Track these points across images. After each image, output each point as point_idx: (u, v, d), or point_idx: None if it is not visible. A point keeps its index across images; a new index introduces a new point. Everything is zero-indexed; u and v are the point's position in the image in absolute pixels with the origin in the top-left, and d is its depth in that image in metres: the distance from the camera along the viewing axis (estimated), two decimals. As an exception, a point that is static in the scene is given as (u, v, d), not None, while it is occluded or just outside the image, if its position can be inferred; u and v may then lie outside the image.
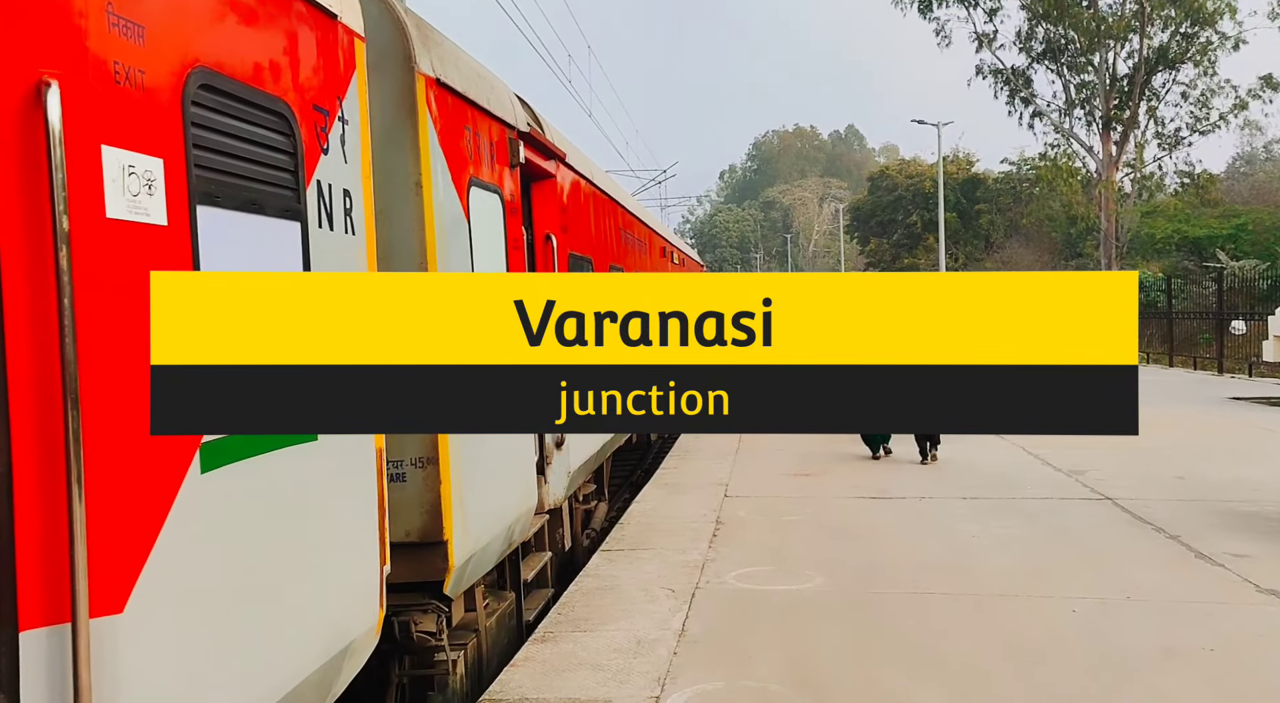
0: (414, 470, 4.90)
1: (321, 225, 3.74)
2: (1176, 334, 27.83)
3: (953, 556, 7.40)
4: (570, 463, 7.88)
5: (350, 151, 4.05)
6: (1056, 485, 10.10)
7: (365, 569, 4.00)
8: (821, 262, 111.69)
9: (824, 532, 8.29)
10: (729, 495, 9.98)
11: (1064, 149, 44.69)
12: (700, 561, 7.42)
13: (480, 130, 5.85)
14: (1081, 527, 8.22)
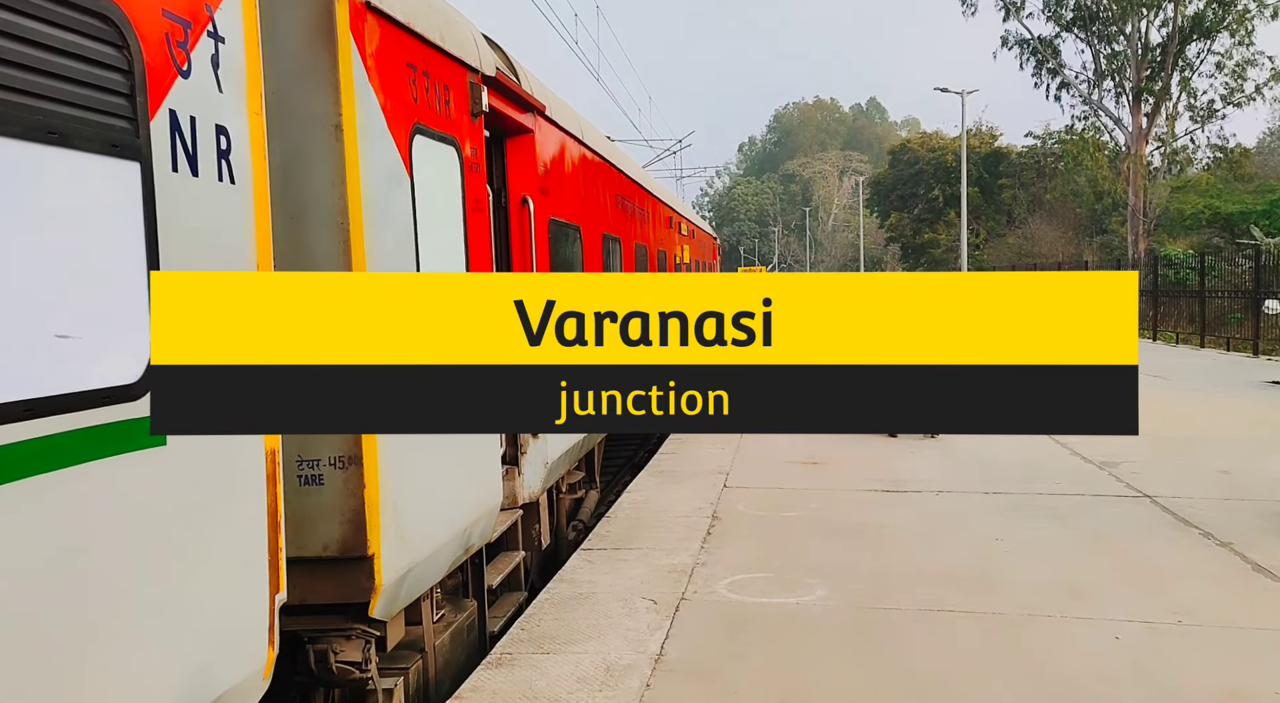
0: (333, 472, 4.10)
1: (178, 169, 2.91)
2: (1207, 314, 26.66)
3: (974, 563, 6.56)
4: (548, 453, 7.08)
5: (229, 78, 3.21)
6: (1087, 480, 9.23)
7: (243, 601, 3.20)
8: (841, 236, 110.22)
9: (830, 530, 7.47)
10: (729, 486, 9.16)
11: (1092, 122, 43.42)
12: (690, 564, 6.62)
13: (431, 71, 5.00)
14: (1119, 531, 7.35)
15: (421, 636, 5.06)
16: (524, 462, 6.83)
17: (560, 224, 7.68)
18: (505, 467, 6.76)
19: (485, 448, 5.54)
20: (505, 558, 6.63)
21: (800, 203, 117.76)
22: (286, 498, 4.03)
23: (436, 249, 5.00)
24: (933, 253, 60.95)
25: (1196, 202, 37.63)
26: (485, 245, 5.73)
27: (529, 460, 6.87)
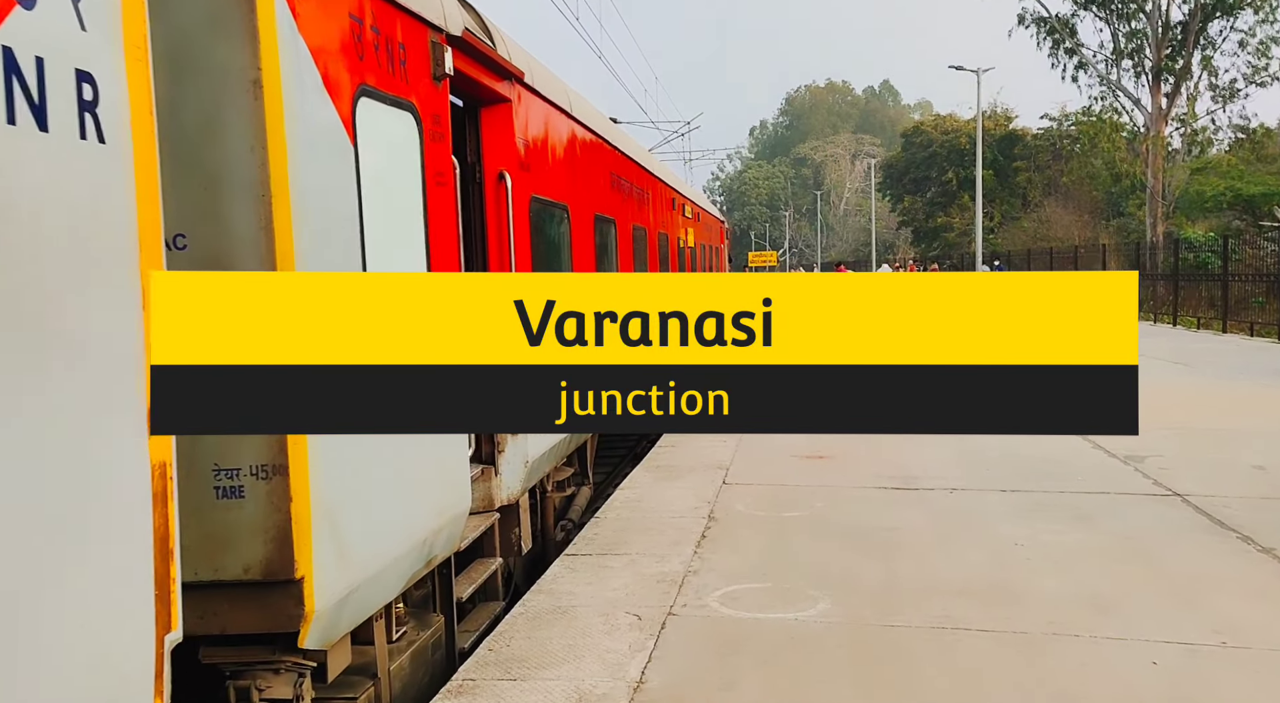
0: (255, 483, 3.56)
1: (15, 120, 2.36)
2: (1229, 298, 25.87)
3: (992, 572, 6.00)
4: (529, 451, 6.54)
5: (95, 14, 2.65)
6: (1112, 476, 8.63)
7: (114, 646, 2.66)
8: (853, 220, 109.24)
9: (834, 533, 6.91)
10: (728, 482, 8.61)
11: (1109, 102, 42.52)
12: (681, 572, 6.07)
13: (381, 25, 4.43)
14: (1150, 535, 6.77)
15: (374, 660, 4.53)
16: (501, 461, 6.29)
17: (544, 203, 7.11)
18: (480, 466, 6.24)
19: (449, 448, 4.99)
20: (480, 566, 6.11)
21: (812, 187, 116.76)
22: (202, 514, 3.51)
23: (388, 225, 4.44)
24: (946, 237, 60.11)
25: (1217, 183, 36.74)
26: (450, 222, 5.17)
27: (507, 460, 6.33)
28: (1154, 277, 30.45)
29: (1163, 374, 15.63)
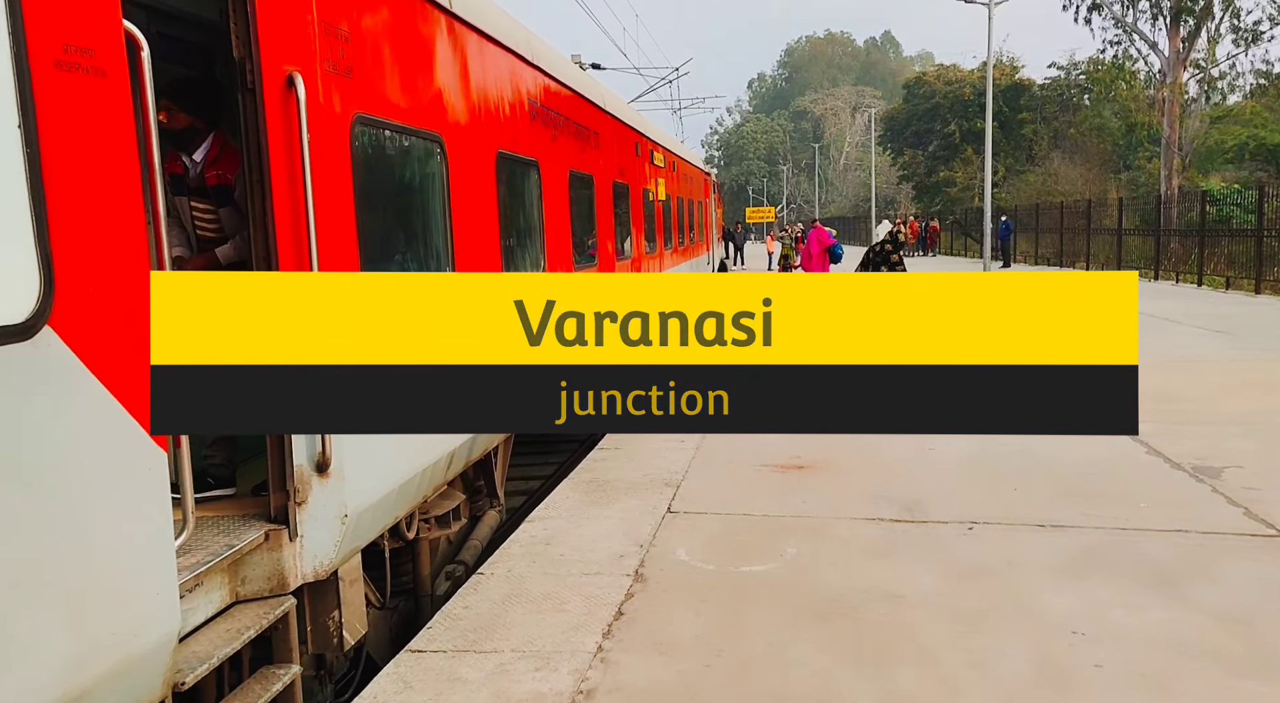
0: None
1: None
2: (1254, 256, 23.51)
3: (1045, 696, 3.87)
4: (348, 501, 4.36)
5: None
6: (1184, 499, 6.49)
7: None
8: (853, 175, 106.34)
9: (812, 610, 4.78)
10: (674, 510, 6.47)
11: (1124, 47, 39.92)
12: (567, 696, 3.95)
13: None
14: (1270, 613, 4.64)
15: None
16: (302, 517, 4.14)
17: (378, 123, 4.85)
18: (269, 527, 4.10)
19: (94, 520, 2.83)
20: (258, 683, 3.97)
21: (811, 140, 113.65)
22: None
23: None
24: (948, 192, 57.51)
25: (1240, 132, 34.32)
26: (102, 149, 2.95)
27: (311, 515, 4.18)
28: (1169, 232, 28.16)
29: (1205, 347, 13.43)
